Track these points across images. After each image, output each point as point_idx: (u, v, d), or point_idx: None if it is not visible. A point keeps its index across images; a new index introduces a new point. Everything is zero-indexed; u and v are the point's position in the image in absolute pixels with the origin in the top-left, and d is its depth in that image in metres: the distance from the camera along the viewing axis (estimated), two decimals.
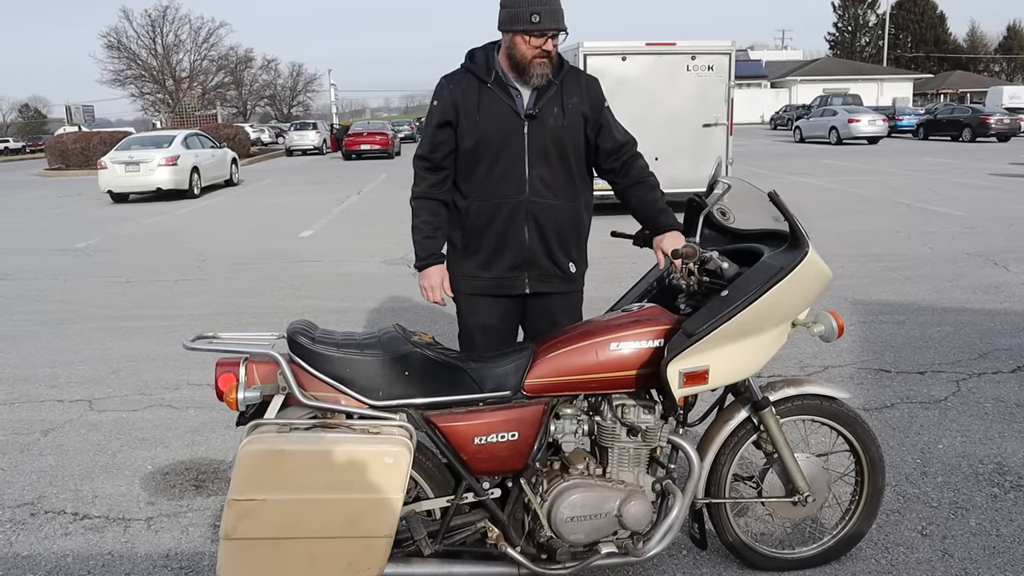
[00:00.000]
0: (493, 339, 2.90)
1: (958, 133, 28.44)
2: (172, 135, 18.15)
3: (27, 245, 11.10)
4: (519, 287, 2.84)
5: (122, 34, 47.20)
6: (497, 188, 2.75)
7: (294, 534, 2.08)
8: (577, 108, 2.75)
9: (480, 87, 2.72)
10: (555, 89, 2.73)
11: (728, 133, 11.55)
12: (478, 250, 2.82)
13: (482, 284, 2.85)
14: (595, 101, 2.80)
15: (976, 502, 3.20)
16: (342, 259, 9.12)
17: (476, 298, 2.88)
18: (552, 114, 2.72)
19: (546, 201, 2.77)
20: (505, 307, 2.90)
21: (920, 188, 14.08)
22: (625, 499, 2.40)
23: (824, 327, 2.42)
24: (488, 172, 2.75)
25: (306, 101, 75.18)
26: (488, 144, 2.71)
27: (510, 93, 2.71)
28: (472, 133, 2.72)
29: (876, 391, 4.44)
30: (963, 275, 7.21)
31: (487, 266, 2.83)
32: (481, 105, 2.70)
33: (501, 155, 2.73)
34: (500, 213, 2.76)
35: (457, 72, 2.80)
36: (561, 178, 2.79)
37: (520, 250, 2.79)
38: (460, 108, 2.72)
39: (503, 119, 2.70)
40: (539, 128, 2.72)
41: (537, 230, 2.79)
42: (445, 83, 2.77)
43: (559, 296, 2.91)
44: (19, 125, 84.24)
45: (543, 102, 2.72)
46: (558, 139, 2.74)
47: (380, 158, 30.19)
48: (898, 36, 67.11)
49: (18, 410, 4.55)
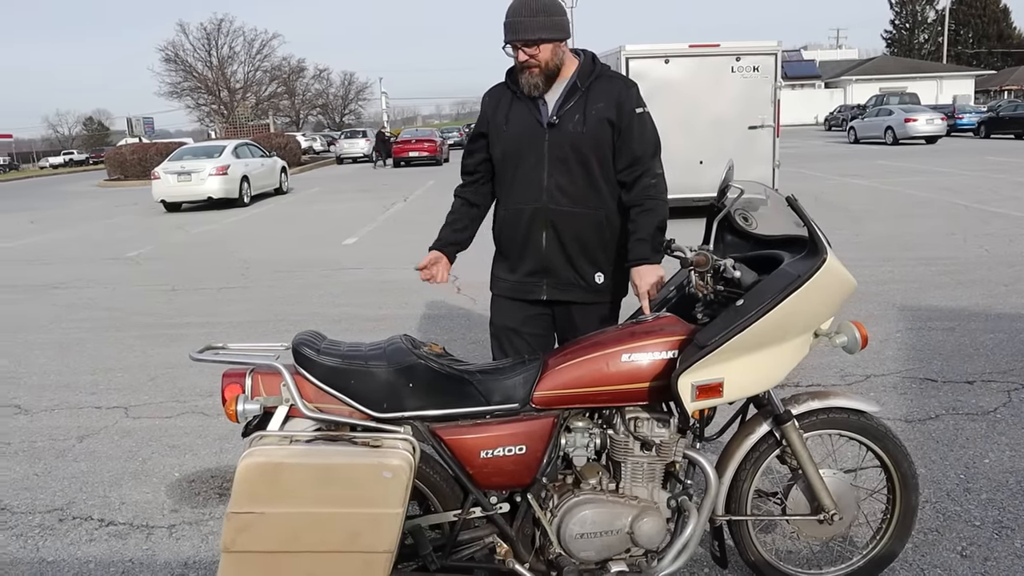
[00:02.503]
0: (517, 343, 2.93)
1: (1022, 131, 27.41)
2: (223, 145, 18.56)
3: (82, 254, 11.44)
4: (537, 293, 2.87)
5: (179, 47, 48.58)
6: (518, 196, 2.82)
7: (293, 548, 2.05)
8: (602, 114, 2.71)
9: (512, 99, 2.81)
10: (580, 95, 2.72)
11: (775, 135, 11.29)
12: (506, 254, 2.93)
13: (505, 286, 2.95)
14: (623, 105, 2.72)
15: (1023, 521, 3.03)
16: (383, 266, 9.17)
17: (502, 300, 2.97)
18: (572, 121, 2.71)
19: (564, 209, 2.76)
20: (528, 312, 2.92)
21: (980, 188, 13.58)
22: (638, 516, 2.32)
23: (847, 338, 2.31)
24: (512, 181, 2.83)
25: (358, 109, 76.27)
26: (512, 152, 2.80)
27: (536, 103, 2.76)
28: (500, 143, 2.82)
29: (920, 402, 4.25)
30: (1020, 279, 6.90)
31: (511, 270, 2.92)
32: (510, 116, 2.80)
33: (522, 163, 2.78)
34: (521, 219, 2.82)
35: (498, 85, 2.92)
36: (582, 186, 2.75)
37: (538, 257, 2.83)
38: (491, 119, 2.86)
39: (526, 128, 2.76)
40: (559, 136, 2.73)
41: (556, 237, 2.79)
42: (486, 96, 2.92)
43: (584, 307, 2.88)
44: (83, 137, 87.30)
45: (565, 110, 2.72)
46: (577, 146, 2.72)
47: (428, 165, 30.42)
48: (958, 32, 65.00)
49: (57, 416, 4.65)
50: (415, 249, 10.17)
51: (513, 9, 2.64)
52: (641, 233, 2.68)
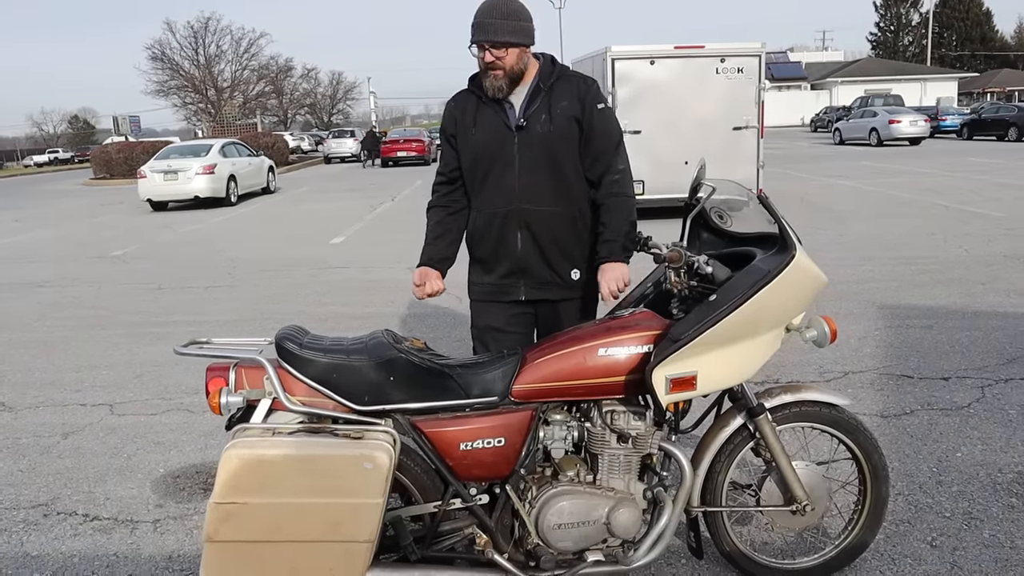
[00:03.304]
0: (502, 342, 2.96)
1: (1003, 132, 27.69)
2: (209, 144, 18.51)
3: (67, 253, 11.40)
4: (515, 294, 2.91)
5: (166, 46, 48.36)
6: (490, 198, 2.84)
7: (275, 538, 2.09)
8: (567, 112, 2.76)
9: (477, 103, 2.83)
10: (543, 96, 2.77)
11: (759, 136, 11.40)
12: (480, 258, 2.94)
13: (483, 290, 2.96)
14: (586, 102, 2.77)
15: (992, 513, 3.10)
16: (370, 265, 9.20)
17: (483, 303, 2.98)
18: (540, 121, 2.76)
19: (537, 208, 2.80)
20: (510, 311, 2.95)
21: (961, 189, 13.74)
22: (614, 507, 2.37)
23: (817, 332, 2.37)
24: (482, 184, 2.86)
25: (346, 109, 76.12)
26: (482, 156, 2.82)
27: (503, 107, 2.79)
28: (469, 147, 2.84)
29: (896, 397, 4.33)
30: (997, 278, 7.01)
31: (487, 272, 2.94)
32: (477, 120, 2.82)
33: (493, 166, 2.81)
34: (494, 222, 2.85)
35: (462, 91, 2.93)
36: (553, 185, 2.79)
37: (513, 258, 2.86)
38: (459, 124, 2.86)
39: (495, 132, 2.79)
40: (528, 137, 2.77)
41: (531, 238, 2.82)
42: (450, 102, 2.94)
43: (565, 303, 2.93)
44: (69, 136, 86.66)
45: (531, 111, 2.76)
46: (547, 146, 2.76)
47: (416, 165, 30.42)
48: (942, 35, 65.56)
49: (42, 413, 4.66)
50: (402, 248, 10.21)
51: (483, 10, 2.66)
52: (608, 233, 2.73)
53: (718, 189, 2.48)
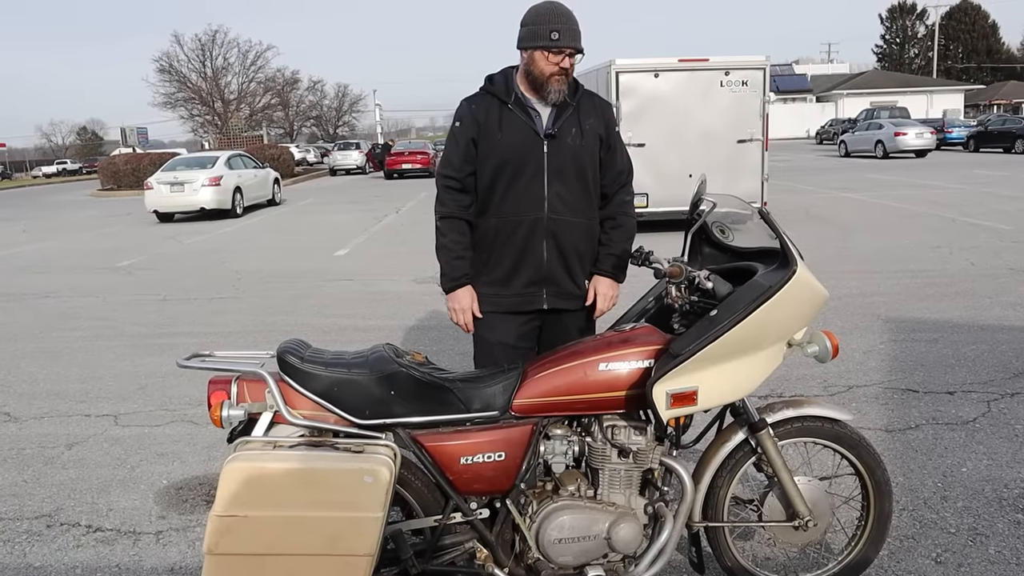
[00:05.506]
0: (512, 357, 2.87)
1: (1010, 144, 27.65)
2: (215, 156, 18.59)
3: (74, 264, 11.45)
4: (537, 303, 2.86)
5: (173, 58, 48.51)
6: (516, 206, 2.79)
7: (276, 551, 2.09)
8: (594, 129, 2.81)
9: (501, 107, 2.78)
10: (572, 110, 2.79)
11: (763, 148, 11.41)
12: (496, 268, 2.85)
13: (501, 302, 2.86)
14: (609, 123, 2.87)
15: (997, 528, 3.08)
16: (374, 278, 9.22)
17: (495, 315, 2.88)
18: (570, 134, 2.77)
19: (564, 219, 2.80)
20: (523, 325, 2.90)
21: (967, 202, 13.71)
22: (615, 521, 2.36)
23: (819, 347, 2.37)
24: (507, 190, 2.78)
25: (352, 121, 76.33)
26: (508, 162, 2.76)
27: (529, 113, 2.77)
28: (494, 152, 2.76)
29: (901, 412, 4.31)
30: (1004, 291, 6.99)
31: (505, 283, 2.85)
32: (503, 124, 2.76)
33: (520, 173, 2.77)
34: (519, 231, 2.80)
35: (477, 94, 2.86)
36: (579, 196, 2.82)
37: (538, 267, 2.82)
38: (482, 126, 2.77)
39: (523, 138, 2.75)
40: (558, 147, 2.76)
41: (556, 247, 2.81)
42: (466, 104, 2.84)
43: (574, 313, 2.93)
44: (77, 147, 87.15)
45: (561, 122, 2.77)
46: (577, 158, 2.79)
47: (421, 177, 30.50)
48: (948, 47, 65.59)
49: (47, 424, 4.68)
50: (406, 261, 10.23)
51: (562, 15, 2.66)
52: (613, 248, 2.84)
53: (719, 204, 2.49)
